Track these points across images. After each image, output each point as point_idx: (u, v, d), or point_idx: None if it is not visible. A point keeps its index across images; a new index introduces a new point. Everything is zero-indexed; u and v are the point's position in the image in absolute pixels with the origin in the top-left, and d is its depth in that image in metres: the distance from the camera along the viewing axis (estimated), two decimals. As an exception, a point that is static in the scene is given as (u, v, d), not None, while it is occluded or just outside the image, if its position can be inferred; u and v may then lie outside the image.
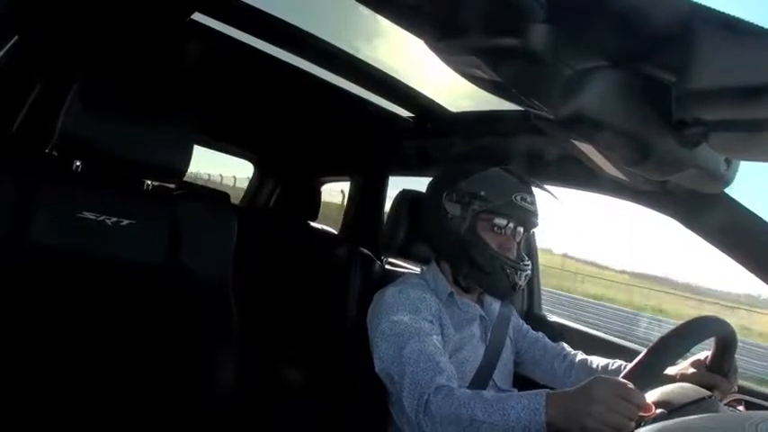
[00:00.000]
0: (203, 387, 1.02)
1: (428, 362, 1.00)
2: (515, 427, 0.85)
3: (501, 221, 1.14)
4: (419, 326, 1.08)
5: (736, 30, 0.50)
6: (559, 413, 0.83)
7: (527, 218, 1.16)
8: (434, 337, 1.08)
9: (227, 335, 1.08)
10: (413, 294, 1.15)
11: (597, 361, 1.22)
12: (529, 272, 1.19)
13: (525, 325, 1.38)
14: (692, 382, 0.89)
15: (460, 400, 0.91)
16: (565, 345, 1.33)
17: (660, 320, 10.82)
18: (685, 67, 0.54)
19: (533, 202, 1.16)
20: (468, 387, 1.12)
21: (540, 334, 1.36)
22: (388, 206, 2.09)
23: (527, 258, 1.20)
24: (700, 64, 0.53)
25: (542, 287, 1.77)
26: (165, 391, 0.99)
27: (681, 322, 0.90)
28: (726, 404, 0.95)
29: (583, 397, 0.82)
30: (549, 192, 1.21)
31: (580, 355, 1.26)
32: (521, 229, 1.18)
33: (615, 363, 1.18)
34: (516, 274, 1.14)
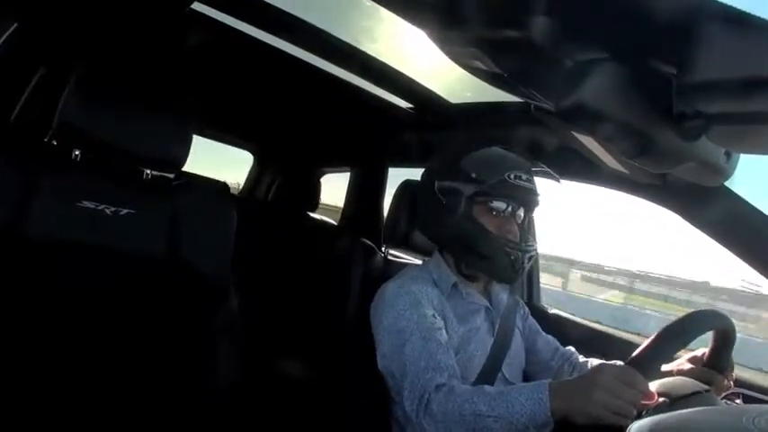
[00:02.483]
0: (204, 378, 1.02)
1: (429, 360, 0.98)
2: (520, 418, 0.83)
3: (498, 204, 1.08)
4: (421, 321, 1.04)
5: (739, 22, 0.49)
6: (563, 401, 0.82)
7: (525, 197, 1.09)
8: (437, 332, 1.03)
9: (227, 324, 1.08)
10: (414, 288, 1.10)
11: (597, 363, 1.20)
12: (534, 253, 1.12)
13: (536, 323, 1.34)
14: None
15: (462, 396, 0.90)
16: (572, 349, 1.29)
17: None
18: (687, 60, 0.54)
19: (530, 180, 1.09)
20: (476, 380, 1.09)
21: (551, 337, 1.32)
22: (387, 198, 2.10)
23: (532, 240, 1.13)
24: (702, 56, 0.53)
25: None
26: (164, 381, 0.99)
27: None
28: (723, 398, 0.95)
29: (586, 383, 0.81)
30: (547, 171, 1.14)
31: (581, 358, 1.25)
32: (521, 212, 1.12)
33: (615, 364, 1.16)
34: (519, 255, 1.07)
